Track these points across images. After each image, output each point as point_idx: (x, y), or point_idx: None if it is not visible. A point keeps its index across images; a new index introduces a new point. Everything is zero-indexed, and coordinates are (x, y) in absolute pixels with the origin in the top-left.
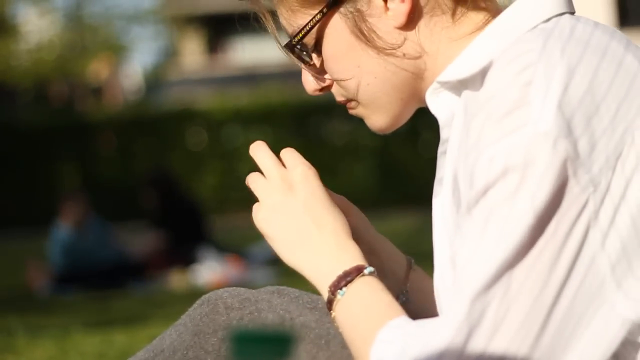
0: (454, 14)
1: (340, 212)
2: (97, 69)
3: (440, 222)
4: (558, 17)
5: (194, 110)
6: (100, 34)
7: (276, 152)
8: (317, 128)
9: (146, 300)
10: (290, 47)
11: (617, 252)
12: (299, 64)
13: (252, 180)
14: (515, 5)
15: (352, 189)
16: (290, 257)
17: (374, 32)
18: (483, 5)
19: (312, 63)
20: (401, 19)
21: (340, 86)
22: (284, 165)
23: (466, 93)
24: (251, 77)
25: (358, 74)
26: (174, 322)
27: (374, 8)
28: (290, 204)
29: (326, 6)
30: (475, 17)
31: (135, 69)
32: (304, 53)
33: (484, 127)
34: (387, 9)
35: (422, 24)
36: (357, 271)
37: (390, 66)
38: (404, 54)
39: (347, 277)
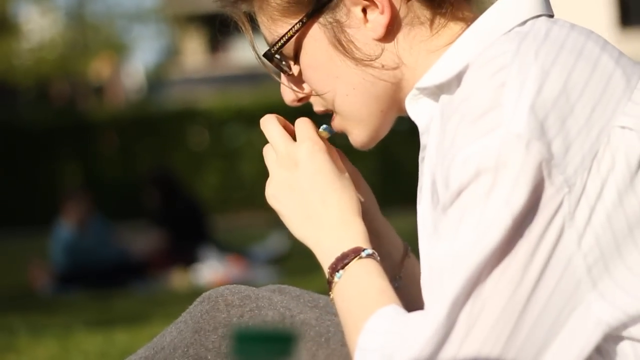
0: (432, 25)
1: (349, 188)
2: (99, 68)
3: (423, 228)
4: (534, 20)
5: (195, 110)
6: (102, 32)
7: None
8: (318, 126)
9: (148, 300)
10: (269, 56)
11: (593, 253)
12: (276, 75)
13: (265, 154)
14: (491, 9)
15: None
16: (298, 232)
17: (353, 43)
18: (461, 15)
19: (290, 73)
20: (380, 30)
21: (320, 97)
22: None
23: (443, 98)
24: (253, 77)
25: (336, 84)
26: (175, 320)
27: (353, 19)
28: (296, 180)
29: (306, 16)
30: (453, 28)
31: (137, 68)
32: (283, 63)
33: (458, 129)
34: (366, 20)
35: (401, 36)
36: (355, 253)
37: (369, 77)
38: (383, 65)
39: (344, 260)
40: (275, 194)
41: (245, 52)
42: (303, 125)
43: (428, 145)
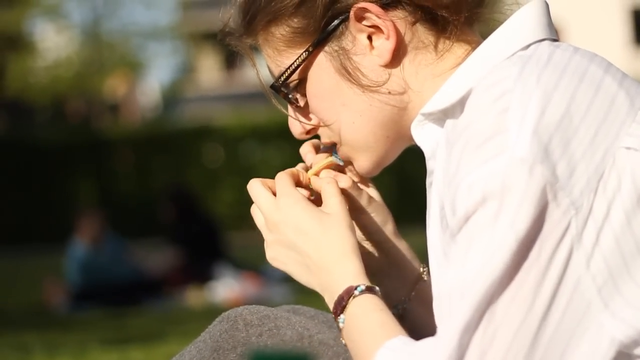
0: (436, 49)
1: (335, 226)
2: (115, 86)
3: (433, 254)
4: (537, 44)
5: (210, 127)
6: (118, 50)
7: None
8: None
9: (163, 317)
10: (276, 88)
11: (602, 273)
12: (283, 108)
13: (254, 218)
14: (495, 34)
15: None
16: (307, 284)
17: (359, 70)
18: (465, 39)
19: (297, 104)
20: (386, 56)
21: (326, 126)
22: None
23: (448, 123)
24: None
25: (343, 112)
26: (194, 339)
27: (359, 46)
28: (285, 237)
29: (311, 45)
30: (457, 51)
31: (152, 86)
32: (290, 95)
33: (463, 155)
34: (372, 47)
35: (407, 61)
36: (348, 294)
37: (376, 103)
38: (389, 91)
39: (341, 303)
40: (273, 256)
41: (260, 69)
42: (279, 181)
43: (435, 170)
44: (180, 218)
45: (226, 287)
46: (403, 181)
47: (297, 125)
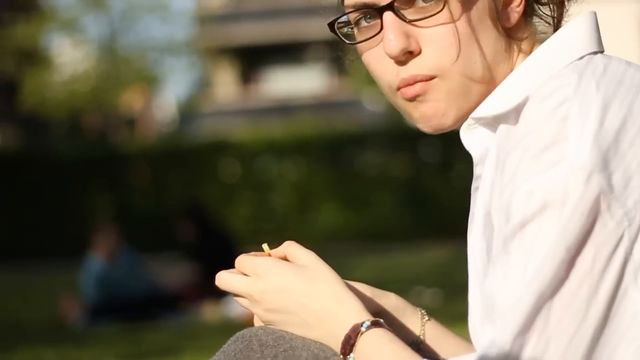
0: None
1: (316, 272)
2: (131, 101)
3: (472, 261)
4: (591, 56)
5: (227, 142)
6: (134, 65)
7: (309, 183)
8: (350, 159)
9: (179, 333)
10: None
11: None
12: (387, 18)
13: (241, 304)
14: (549, 42)
15: (384, 221)
16: (315, 338)
17: (512, 17)
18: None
19: (438, 11)
20: (515, 17)
21: (440, 54)
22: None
23: (500, 129)
24: (284, 109)
25: (473, 48)
26: (209, 355)
27: None
28: (273, 306)
29: None
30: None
31: (168, 101)
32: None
33: (521, 163)
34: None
35: (521, 30)
36: (355, 332)
37: (503, 52)
38: (516, 46)
39: (349, 342)
40: (275, 324)
41: (277, 85)
42: (244, 260)
43: (483, 176)
44: (196, 234)
45: None
46: (418, 196)
47: (402, 39)
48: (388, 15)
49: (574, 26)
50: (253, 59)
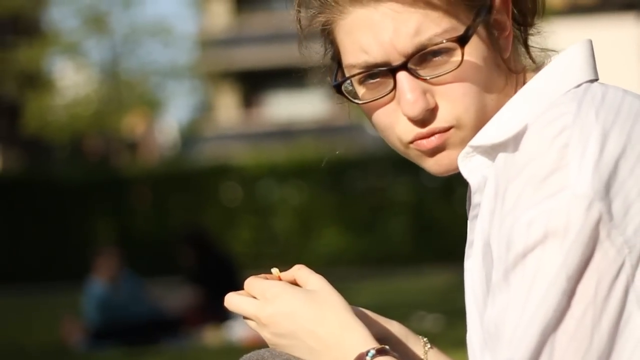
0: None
1: (322, 297)
2: (133, 124)
3: (470, 288)
4: (588, 84)
5: (229, 166)
6: (136, 89)
7: (311, 208)
8: (352, 184)
9: (180, 356)
10: (432, 48)
11: None
12: (404, 82)
13: (250, 326)
14: (546, 70)
15: (387, 245)
16: None
17: (508, 48)
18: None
19: (433, 77)
20: (508, 46)
21: (455, 104)
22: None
23: (499, 158)
24: (286, 133)
25: (484, 93)
26: None
27: (505, 26)
28: (280, 334)
29: (483, 8)
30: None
31: (170, 124)
32: (436, 56)
33: (523, 191)
34: (509, 29)
35: (513, 58)
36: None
37: (507, 90)
38: (512, 74)
39: None
40: (282, 348)
41: (279, 109)
42: (253, 282)
43: (482, 204)
44: (198, 259)
45: (244, 326)
46: (420, 221)
47: (421, 101)
48: (402, 75)
49: (570, 54)
50: (255, 83)
